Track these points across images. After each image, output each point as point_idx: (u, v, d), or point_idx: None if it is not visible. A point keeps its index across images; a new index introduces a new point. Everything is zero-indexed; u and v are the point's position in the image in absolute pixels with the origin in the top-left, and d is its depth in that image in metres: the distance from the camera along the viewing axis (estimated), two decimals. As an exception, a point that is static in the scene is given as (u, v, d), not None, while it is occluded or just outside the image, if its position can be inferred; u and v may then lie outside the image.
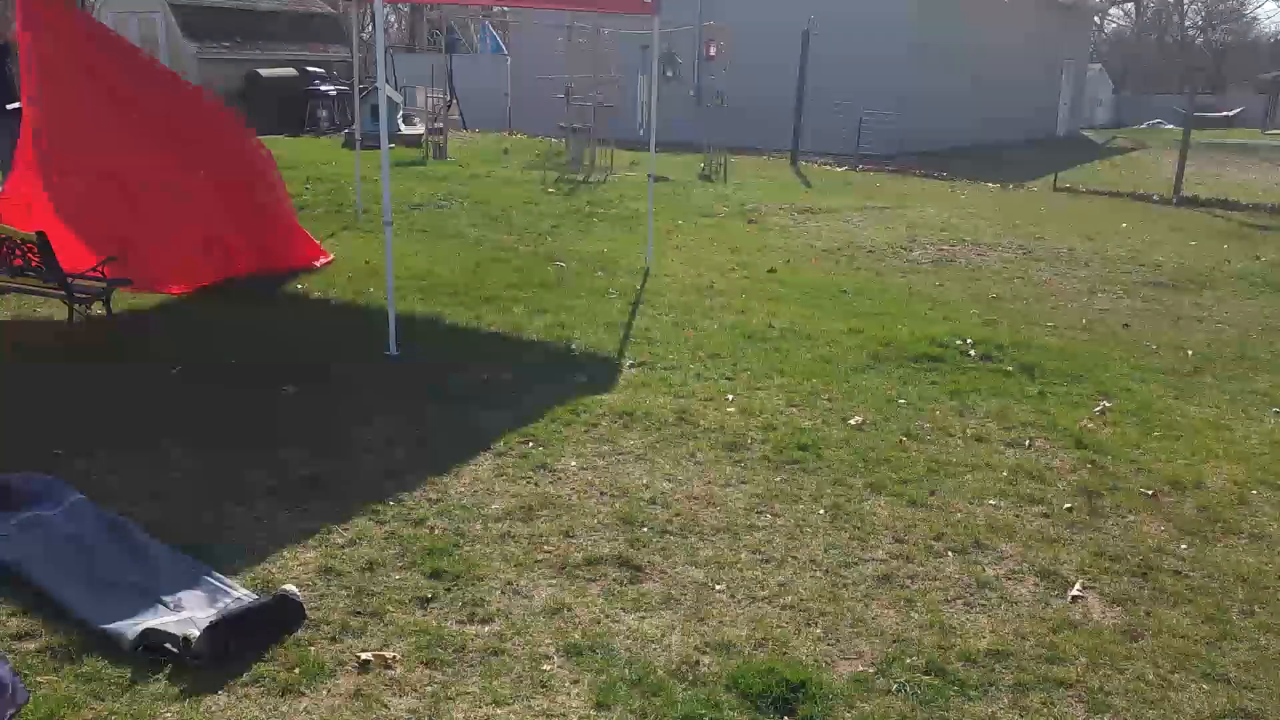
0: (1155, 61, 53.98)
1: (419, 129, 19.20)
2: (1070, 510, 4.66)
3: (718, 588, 3.87)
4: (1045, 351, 7.11)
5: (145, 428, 5.20)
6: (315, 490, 4.55)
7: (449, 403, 5.71)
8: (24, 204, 7.43)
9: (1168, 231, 12.81)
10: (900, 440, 5.39)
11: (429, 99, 18.96)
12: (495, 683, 3.24)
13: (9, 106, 8.47)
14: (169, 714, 3.04)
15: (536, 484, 4.71)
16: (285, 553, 3.98)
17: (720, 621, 3.64)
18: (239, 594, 3.62)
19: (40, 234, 6.21)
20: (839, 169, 19.04)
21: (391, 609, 3.62)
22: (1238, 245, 11.99)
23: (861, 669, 3.40)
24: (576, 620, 3.60)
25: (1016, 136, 25.69)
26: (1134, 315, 8.49)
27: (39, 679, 3.16)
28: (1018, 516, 4.58)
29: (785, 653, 3.46)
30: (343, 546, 4.05)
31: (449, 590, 3.76)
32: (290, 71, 21.99)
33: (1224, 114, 35.74)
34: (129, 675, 3.19)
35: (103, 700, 3.08)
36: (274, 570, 3.84)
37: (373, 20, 17.23)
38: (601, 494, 4.63)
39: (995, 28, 24.58)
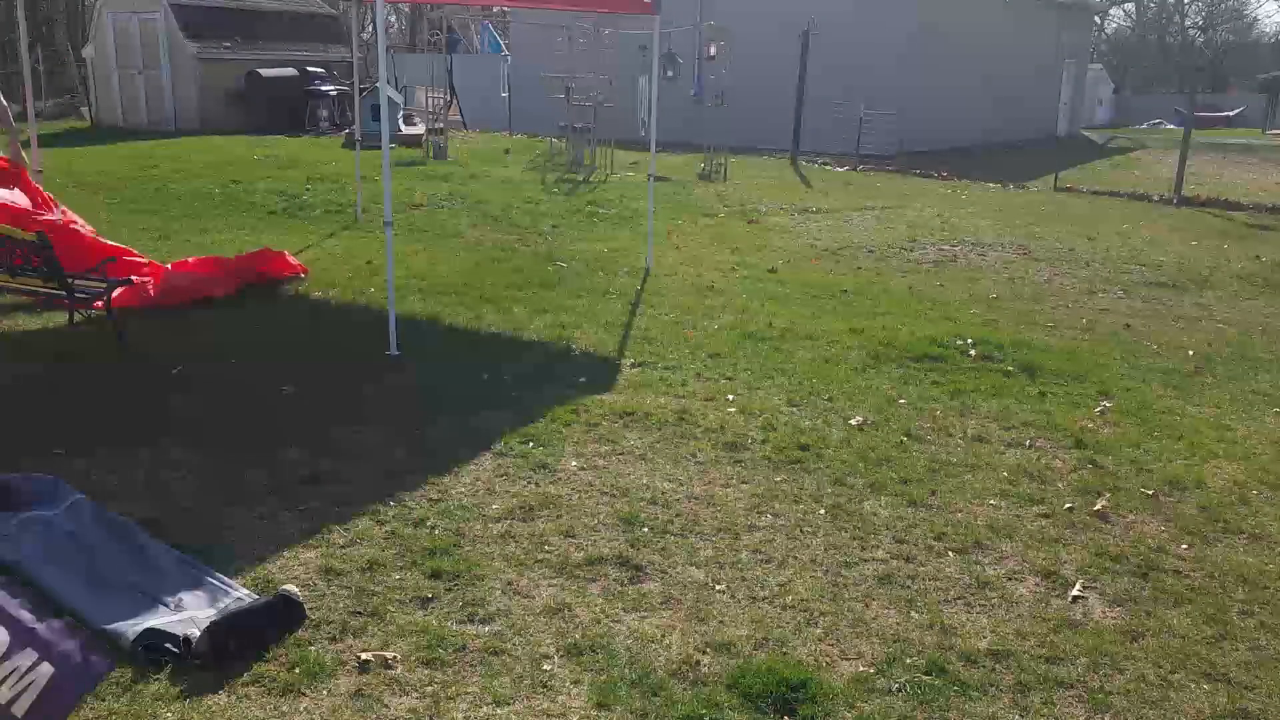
0: (1155, 61, 53.97)
1: (419, 129, 19.20)
2: (1070, 510, 4.66)
3: (718, 588, 3.87)
4: (1045, 351, 7.11)
5: (145, 428, 5.20)
6: (315, 490, 4.55)
7: (449, 402, 5.71)
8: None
9: (1168, 231, 12.81)
10: (900, 440, 5.39)
11: (429, 99, 18.96)
12: (495, 683, 3.24)
13: None
14: (169, 714, 3.04)
15: (536, 484, 4.71)
16: (285, 553, 3.98)
17: (720, 621, 3.64)
18: (239, 594, 3.62)
19: (40, 234, 6.20)
20: (839, 169, 19.04)
21: (391, 609, 3.62)
22: (1238, 245, 11.98)
23: (861, 669, 3.39)
24: (576, 620, 3.60)
25: (1016, 136, 25.68)
26: (1134, 315, 8.49)
27: (39, 679, 3.16)
28: (1018, 516, 4.58)
29: (785, 653, 3.46)
30: (343, 546, 4.05)
31: (449, 590, 3.76)
32: (290, 71, 21.98)
33: (1224, 114, 35.71)
34: (129, 675, 3.18)
35: (103, 700, 3.07)
36: (274, 570, 3.84)
37: (373, 20, 17.23)
38: (602, 494, 4.63)
39: (995, 27, 24.58)
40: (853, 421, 5.61)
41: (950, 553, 4.22)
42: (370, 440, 5.15)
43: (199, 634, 3.28)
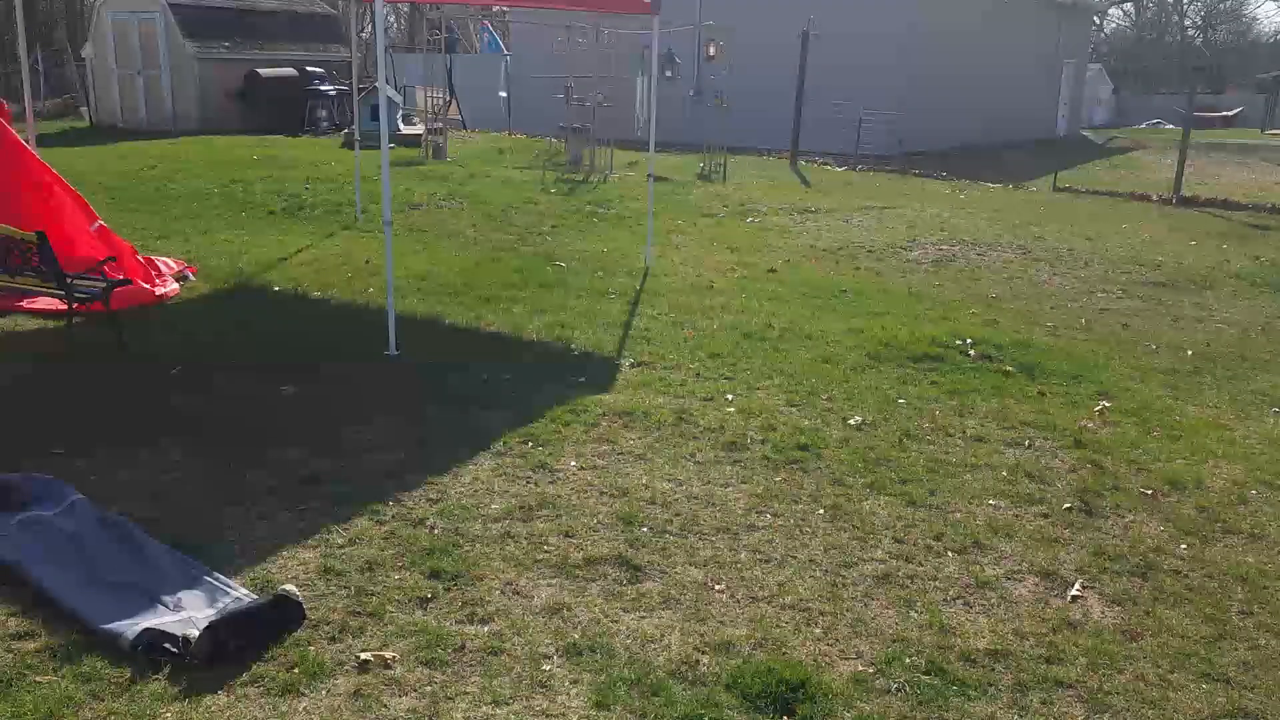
0: (1155, 61, 53.96)
1: (419, 129, 19.20)
2: (1070, 510, 4.66)
3: (717, 588, 3.87)
4: (1045, 351, 7.11)
5: (145, 428, 5.20)
6: (315, 490, 4.55)
7: (449, 403, 5.71)
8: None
9: (1168, 231, 12.81)
10: (900, 440, 5.39)
11: (428, 99, 18.97)
12: (495, 683, 3.24)
13: None
14: (169, 714, 3.04)
15: (536, 484, 4.71)
16: (285, 553, 3.98)
17: (720, 621, 3.64)
18: (239, 594, 3.62)
19: (40, 234, 6.20)
20: (839, 169, 19.04)
21: (391, 609, 3.62)
22: (1238, 245, 11.99)
23: (861, 669, 3.40)
24: (576, 620, 3.60)
25: (1016, 136, 25.68)
26: (1134, 315, 8.49)
27: (38, 679, 3.16)
28: (1017, 516, 4.58)
29: (785, 653, 3.46)
30: (342, 546, 4.05)
31: (449, 590, 3.76)
32: (290, 71, 21.98)
33: (1224, 114, 35.72)
34: (128, 675, 3.18)
35: (102, 700, 3.08)
36: (274, 570, 3.84)
37: (372, 20, 17.24)
38: (601, 494, 4.63)
39: (995, 28, 24.58)
40: (852, 421, 5.61)
41: (949, 552, 4.22)
42: (370, 440, 5.15)
43: (198, 634, 3.28)
